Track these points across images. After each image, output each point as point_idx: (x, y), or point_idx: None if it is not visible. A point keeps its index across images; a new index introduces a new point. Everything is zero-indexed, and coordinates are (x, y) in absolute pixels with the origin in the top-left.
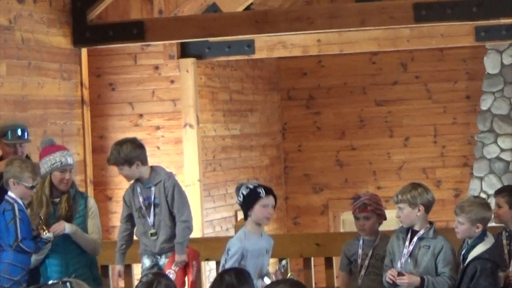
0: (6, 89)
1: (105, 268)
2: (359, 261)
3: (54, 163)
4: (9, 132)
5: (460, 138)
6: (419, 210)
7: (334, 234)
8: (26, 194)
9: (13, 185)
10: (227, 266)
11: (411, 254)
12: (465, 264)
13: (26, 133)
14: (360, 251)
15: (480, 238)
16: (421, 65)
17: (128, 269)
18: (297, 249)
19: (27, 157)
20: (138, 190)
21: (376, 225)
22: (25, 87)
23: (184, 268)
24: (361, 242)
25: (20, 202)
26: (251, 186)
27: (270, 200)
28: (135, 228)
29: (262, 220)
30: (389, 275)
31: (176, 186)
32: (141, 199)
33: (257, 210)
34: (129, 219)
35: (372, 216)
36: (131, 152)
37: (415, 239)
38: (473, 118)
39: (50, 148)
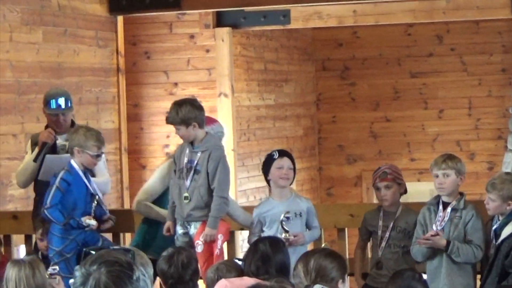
0: (42, 56)
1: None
2: (379, 232)
3: None
4: (52, 101)
5: (495, 111)
6: (461, 179)
7: (368, 205)
8: (90, 163)
9: (78, 154)
10: (251, 236)
11: (444, 225)
12: (498, 241)
13: (69, 102)
14: (380, 223)
15: (511, 216)
16: (456, 37)
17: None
18: (331, 219)
19: (73, 123)
20: (187, 151)
21: (397, 195)
22: (61, 54)
23: (211, 241)
24: (381, 213)
25: (78, 171)
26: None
27: (284, 161)
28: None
29: (278, 182)
30: (427, 235)
31: (222, 160)
32: (185, 161)
33: (273, 172)
34: None
35: (393, 185)
36: (189, 113)
37: (448, 210)
38: (508, 91)
39: None
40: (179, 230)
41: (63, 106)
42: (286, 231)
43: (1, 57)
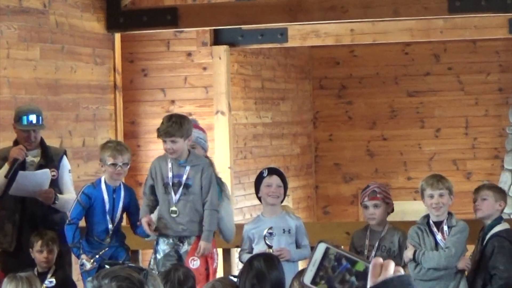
0: (40, 72)
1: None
2: (365, 252)
3: None
4: (23, 117)
5: (492, 130)
6: (451, 199)
7: (364, 223)
8: (111, 174)
9: (102, 168)
10: (241, 252)
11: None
12: (483, 244)
13: (40, 119)
14: (367, 242)
15: (498, 221)
16: (453, 56)
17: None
18: (328, 237)
19: (42, 141)
20: (169, 165)
21: (385, 214)
22: (58, 71)
23: (206, 256)
24: (368, 232)
25: (102, 185)
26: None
27: (273, 179)
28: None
29: (267, 199)
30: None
31: (212, 175)
32: (170, 175)
33: (262, 190)
34: (153, 191)
35: (382, 204)
36: (191, 127)
37: (445, 228)
38: (505, 110)
39: None
40: (165, 249)
41: (34, 122)
42: (269, 246)
43: None
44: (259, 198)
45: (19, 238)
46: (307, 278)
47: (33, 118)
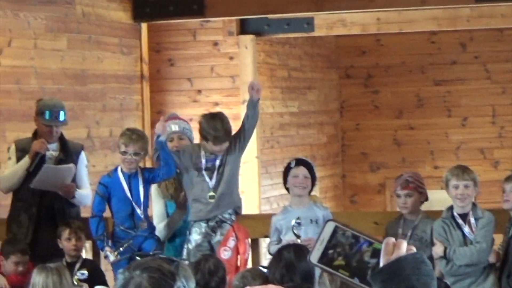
0: (67, 63)
1: None
2: None
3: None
4: (47, 112)
5: None
6: (475, 190)
7: (392, 213)
8: (123, 162)
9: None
10: (270, 243)
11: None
12: (509, 235)
13: (64, 115)
14: (400, 231)
15: None
16: (480, 45)
17: None
18: (356, 227)
19: (61, 135)
20: (202, 152)
21: (418, 203)
22: (85, 61)
23: (237, 247)
24: (401, 221)
25: (119, 174)
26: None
27: (300, 170)
28: (187, 192)
29: (294, 190)
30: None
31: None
32: (203, 160)
33: (289, 181)
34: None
35: (414, 193)
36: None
37: (472, 220)
38: None
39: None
40: (197, 238)
41: (60, 119)
42: (298, 236)
43: (25, 64)
44: (287, 189)
45: (35, 231)
46: (314, 257)
47: (56, 113)
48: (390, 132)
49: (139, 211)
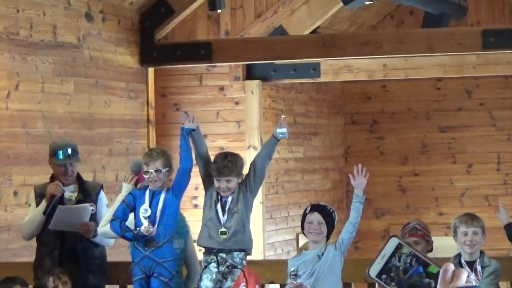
0: (73, 106)
1: None
2: None
3: None
4: (59, 152)
5: None
6: (483, 238)
7: None
8: (147, 182)
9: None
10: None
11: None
12: None
13: (76, 152)
14: None
15: None
16: (486, 92)
17: None
18: (362, 274)
19: (78, 176)
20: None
21: (424, 251)
22: (92, 105)
23: None
24: None
25: (146, 190)
26: None
27: (314, 216)
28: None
29: (308, 236)
30: None
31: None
32: (214, 193)
33: (305, 227)
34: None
35: (422, 241)
36: (243, 164)
37: (478, 268)
38: None
39: None
40: (206, 283)
41: (71, 155)
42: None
43: (33, 108)
44: (305, 234)
45: None
46: (373, 271)
47: (69, 151)
48: (394, 178)
49: (151, 229)
